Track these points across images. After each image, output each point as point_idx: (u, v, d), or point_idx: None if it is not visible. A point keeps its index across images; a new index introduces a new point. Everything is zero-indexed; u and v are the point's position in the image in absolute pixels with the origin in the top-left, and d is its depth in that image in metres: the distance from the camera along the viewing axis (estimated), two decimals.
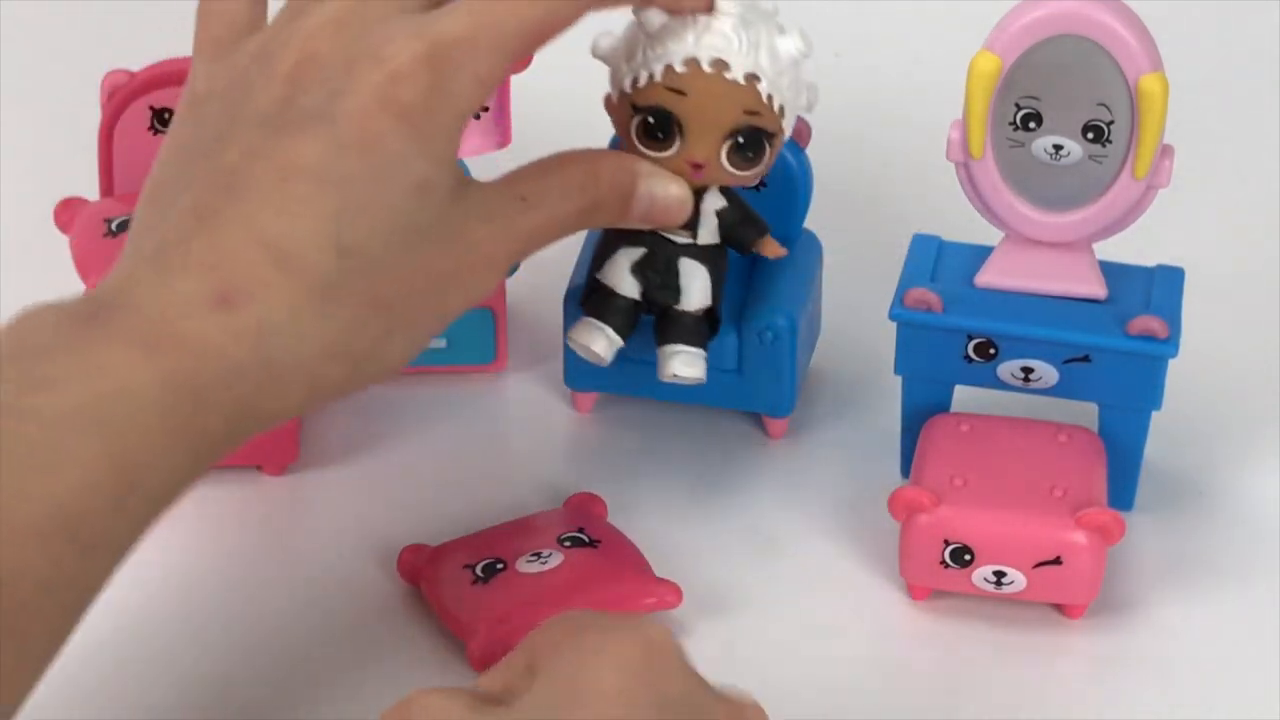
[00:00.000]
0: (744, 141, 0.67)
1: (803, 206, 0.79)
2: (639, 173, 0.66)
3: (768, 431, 0.79)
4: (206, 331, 0.56)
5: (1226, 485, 0.76)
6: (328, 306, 0.58)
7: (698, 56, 0.66)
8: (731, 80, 0.66)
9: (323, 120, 0.59)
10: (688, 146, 0.67)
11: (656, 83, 0.66)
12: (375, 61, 0.60)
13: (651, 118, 0.67)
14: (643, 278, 0.69)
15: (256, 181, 0.58)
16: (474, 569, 0.68)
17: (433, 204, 0.60)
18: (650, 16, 0.66)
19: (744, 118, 0.67)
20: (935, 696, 0.68)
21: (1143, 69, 0.68)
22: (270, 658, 0.68)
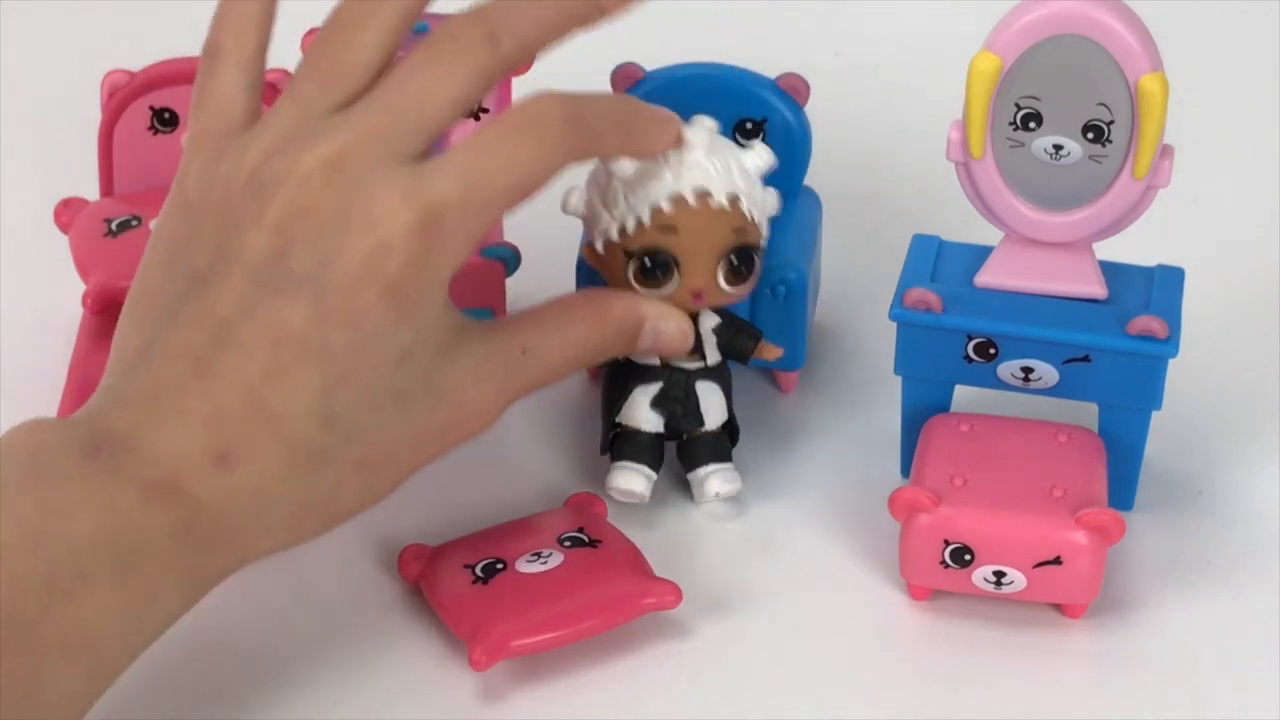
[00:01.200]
0: (737, 260, 0.69)
1: (803, 163, 0.80)
2: (646, 315, 0.69)
3: (780, 386, 0.80)
4: (208, 489, 0.60)
5: (1226, 485, 0.76)
6: (314, 470, 0.61)
7: (682, 192, 0.68)
8: (717, 206, 0.68)
9: (310, 287, 0.61)
10: (686, 278, 0.69)
11: (646, 226, 0.68)
12: (365, 227, 0.61)
13: (648, 259, 0.68)
14: (664, 410, 0.71)
15: (247, 340, 0.60)
16: (474, 569, 0.68)
17: (419, 369, 0.62)
18: (623, 164, 0.68)
19: (733, 237, 0.69)
20: (935, 696, 0.68)
21: (1143, 69, 0.68)
22: (269, 657, 0.68)
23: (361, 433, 0.62)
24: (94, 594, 0.57)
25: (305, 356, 0.61)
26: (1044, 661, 0.69)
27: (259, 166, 0.62)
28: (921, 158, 0.82)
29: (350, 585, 0.71)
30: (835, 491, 0.76)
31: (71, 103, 0.90)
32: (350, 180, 0.61)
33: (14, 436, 0.60)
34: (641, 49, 0.83)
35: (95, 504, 0.58)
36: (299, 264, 0.61)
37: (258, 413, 0.60)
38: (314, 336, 0.61)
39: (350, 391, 0.61)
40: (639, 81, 0.80)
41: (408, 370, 0.62)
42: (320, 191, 0.61)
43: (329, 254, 0.61)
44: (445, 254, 0.62)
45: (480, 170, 0.62)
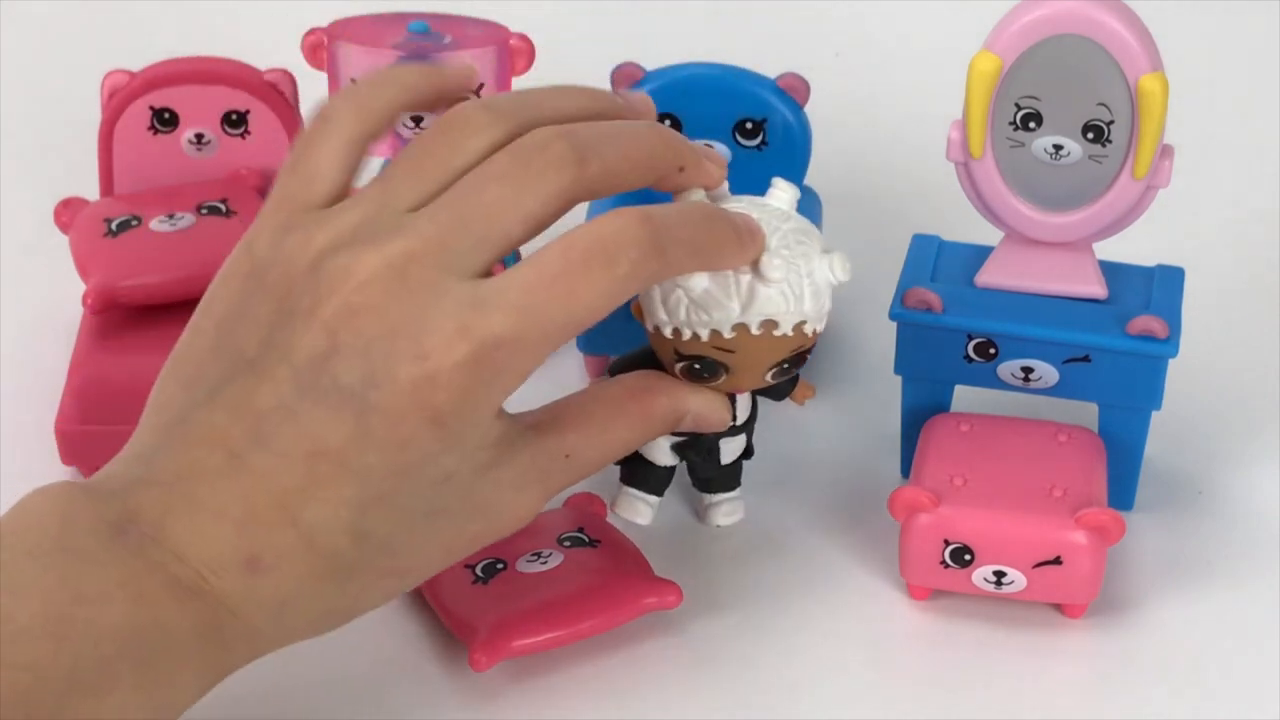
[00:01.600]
0: (788, 365, 0.66)
1: (803, 163, 0.80)
2: (689, 408, 0.66)
3: None
4: (236, 593, 0.59)
5: (1226, 485, 0.76)
6: (341, 582, 0.60)
7: (746, 323, 0.64)
8: (780, 335, 0.65)
9: (355, 405, 0.59)
10: (734, 383, 0.66)
11: (704, 342, 0.65)
12: (416, 356, 0.58)
13: (698, 365, 0.65)
14: (683, 456, 0.70)
15: (285, 446, 0.59)
16: (474, 569, 0.68)
17: (459, 489, 0.61)
18: (694, 280, 0.64)
19: (789, 354, 0.66)
20: (935, 696, 0.68)
21: (1143, 69, 0.68)
22: (269, 657, 0.68)
23: (393, 546, 0.61)
24: (116, 690, 0.56)
25: (343, 474, 0.59)
26: (1044, 661, 0.69)
27: (324, 253, 0.60)
28: (921, 158, 0.82)
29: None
30: (835, 491, 0.76)
31: (71, 103, 0.90)
32: (409, 291, 0.59)
33: (38, 503, 0.59)
34: (641, 49, 0.83)
35: (125, 596, 0.57)
36: (345, 375, 0.59)
37: (290, 523, 0.59)
38: (353, 456, 0.59)
39: (385, 511, 0.60)
40: (639, 81, 0.80)
41: (447, 491, 0.61)
42: (377, 298, 0.59)
43: (377, 374, 0.59)
44: (495, 387, 0.60)
45: (541, 304, 0.59)
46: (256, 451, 0.59)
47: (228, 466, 0.59)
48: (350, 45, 0.77)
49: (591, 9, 1.02)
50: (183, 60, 0.82)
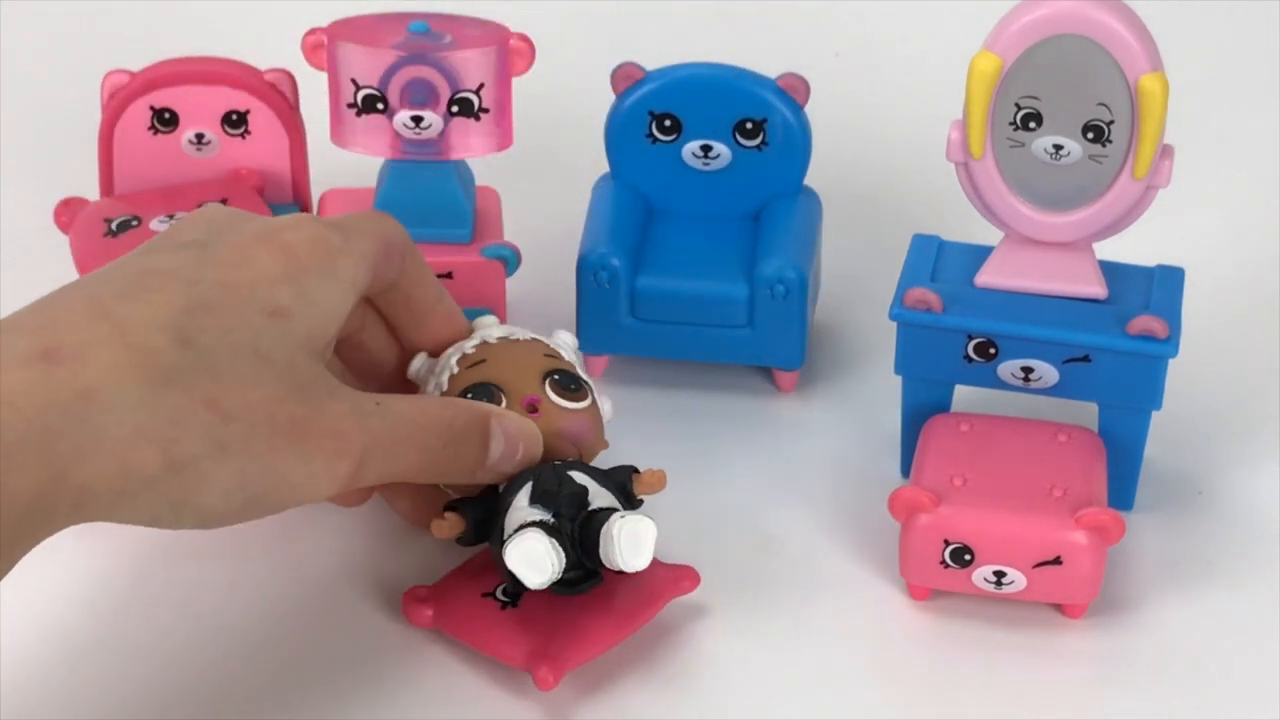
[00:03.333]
0: (560, 377, 0.68)
1: (803, 162, 0.81)
2: (490, 411, 0.66)
3: (778, 386, 0.80)
4: (23, 384, 0.53)
5: (1226, 485, 0.76)
6: (158, 389, 0.55)
7: (483, 338, 0.69)
8: (517, 339, 0.70)
9: (199, 245, 0.60)
10: (513, 397, 0.67)
11: (456, 373, 0.68)
12: (263, 220, 0.63)
13: (470, 394, 0.67)
14: (543, 493, 0.65)
15: (112, 275, 0.58)
16: (494, 595, 0.68)
17: (285, 340, 0.59)
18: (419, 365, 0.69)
19: (548, 361, 0.69)
20: (935, 696, 0.68)
21: (1143, 69, 0.68)
22: (269, 658, 0.68)
23: (218, 369, 0.57)
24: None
25: (172, 282, 0.58)
26: (1044, 661, 0.69)
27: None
28: (921, 158, 0.82)
29: (350, 585, 0.71)
30: (835, 491, 0.76)
31: (71, 103, 0.90)
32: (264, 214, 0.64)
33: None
34: (641, 49, 0.83)
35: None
36: (191, 236, 0.61)
37: (104, 321, 0.55)
38: (188, 270, 0.59)
39: (212, 322, 0.57)
40: (639, 81, 0.80)
41: (277, 333, 0.59)
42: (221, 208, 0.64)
43: (224, 229, 0.61)
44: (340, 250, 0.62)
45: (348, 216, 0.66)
46: (78, 285, 0.59)
47: (42, 300, 0.58)
48: (350, 45, 0.77)
49: (591, 9, 1.02)
50: (183, 60, 0.82)
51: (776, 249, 0.78)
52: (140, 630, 0.69)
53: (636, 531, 0.64)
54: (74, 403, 0.53)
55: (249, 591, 0.71)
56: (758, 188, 0.81)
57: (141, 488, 0.55)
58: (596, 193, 0.82)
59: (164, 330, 0.56)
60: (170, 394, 0.55)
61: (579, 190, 0.82)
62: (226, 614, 0.70)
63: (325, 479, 0.60)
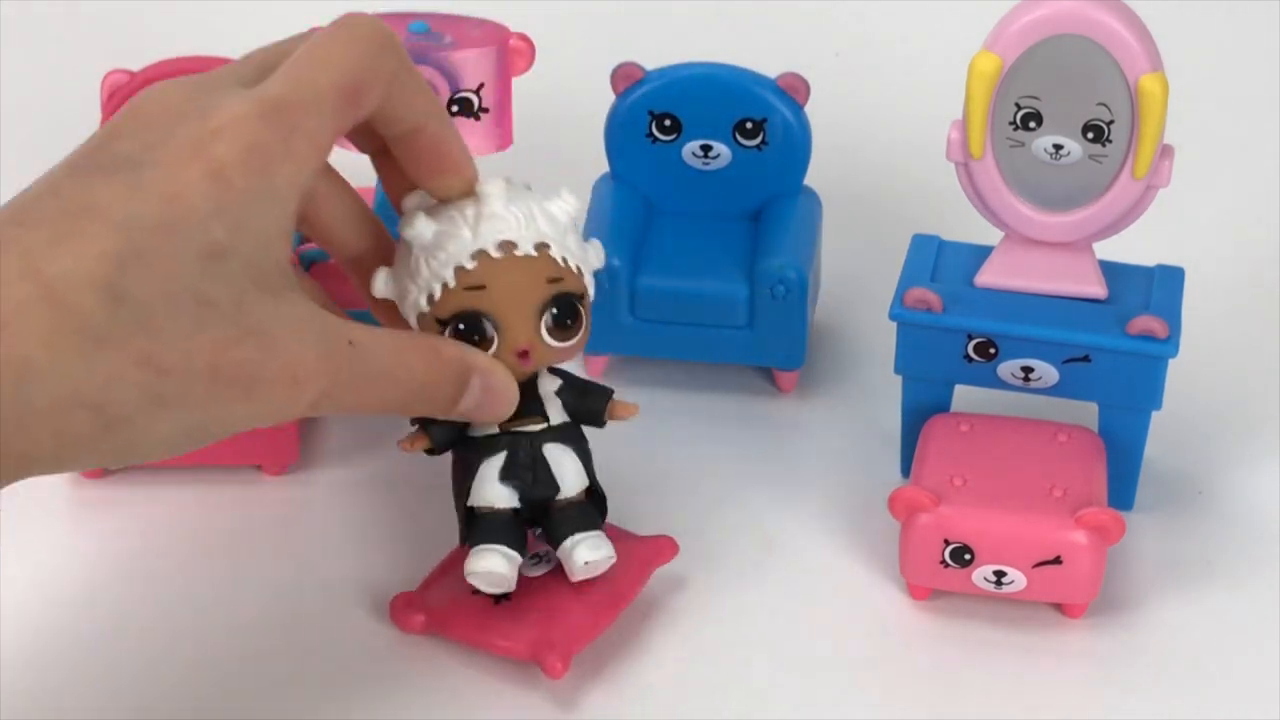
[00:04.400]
0: (559, 311, 0.64)
1: (803, 162, 0.81)
2: (477, 365, 0.63)
3: (778, 386, 0.80)
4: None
5: (1226, 485, 0.76)
6: (89, 353, 0.54)
7: (483, 247, 0.63)
8: (524, 256, 0.64)
9: (131, 166, 0.56)
10: (507, 338, 0.64)
11: (452, 289, 0.63)
12: (200, 117, 0.57)
13: (462, 324, 0.63)
14: (515, 481, 0.66)
15: (45, 214, 0.55)
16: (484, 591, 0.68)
17: (228, 279, 0.56)
18: (420, 230, 0.63)
19: (550, 288, 0.64)
20: (935, 696, 0.68)
21: (1143, 69, 0.68)
22: (269, 658, 0.68)
23: (152, 323, 0.54)
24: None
25: (103, 225, 0.55)
26: (1044, 661, 0.69)
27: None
28: (921, 158, 0.82)
29: (350, 586, 0.71)
30: (835, 491, 0.76)
31: (71, 103, 0.90)
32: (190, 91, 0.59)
33: None
34: (641, 49, 0.83)
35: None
36: (123, 148, 0.57)
37: (35, 284, 0.53)
38: (119, 208, 0.55)
39: (146, 273, 0.54)
40: (639, 81, 0.80)
41: (215, 274, 0.56)
42: (160, 100, 0.59)
43: (157, 140, 0.57)
44: (279, 155, 0.57)
45: (304, 71, 0.59)
46: (11, 231, 0.55)
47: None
48: None
49: (591, 9, 1.02)
50: (182, 60, 0.82)
51: (776, 249, 0.78)
52: (135, 633, 0.69)
53: (592, 562, 0.66)
54: (4, 373, 0.52)
55: (231, 604, 0.71)
56: (758, 188, 0.81)
57: (80, 449, 0.54)
58: (596, 193, 0.82)
59: (95, 288, 0.54)
60: (103, 356, 0.54)
61: (579, 190, 0.82)
62: (213, 628, 0.70)
63: (275, 418, 0.58)
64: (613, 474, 0.73)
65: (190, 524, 0.74)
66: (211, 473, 0.76)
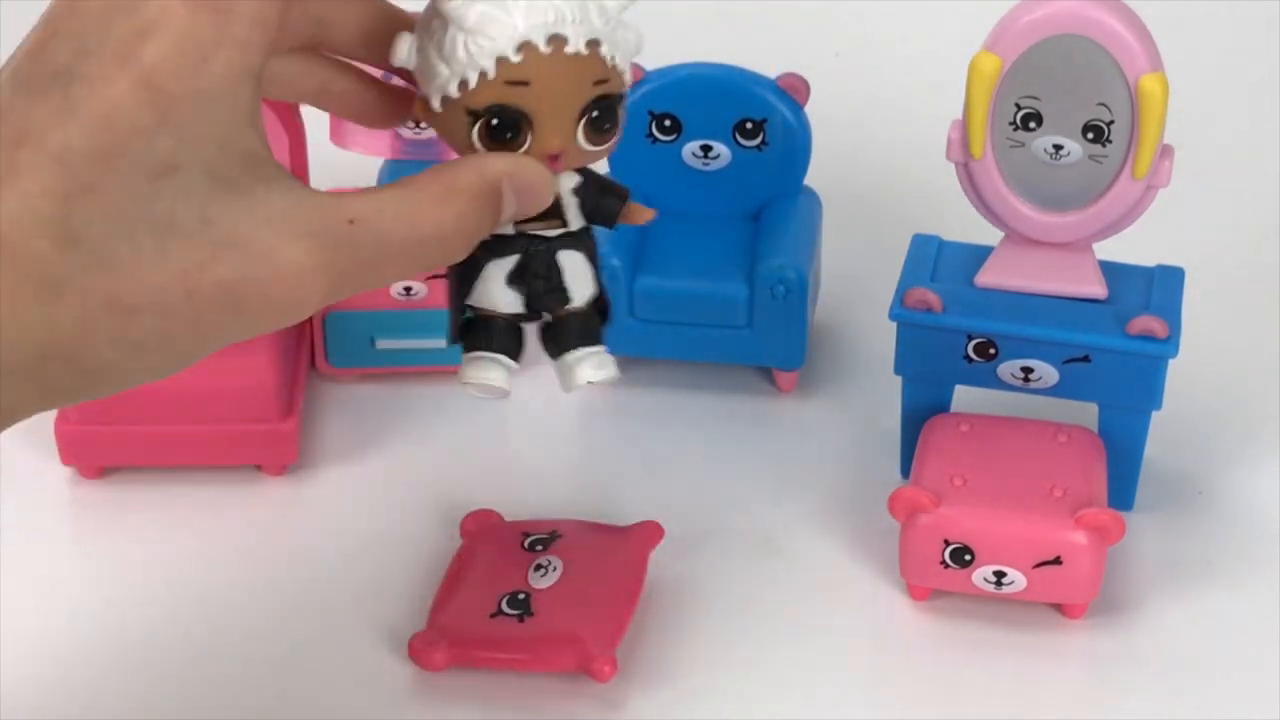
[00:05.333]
0: (598, 115, 0.58)
1: (803, 162, 0.81)
2: (500, 170, 0.57)
3: (778, 386, 0.80)
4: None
5: (1226, 485, 0.76)
6: (51, 302, 0.50)
7: (531, 39, 0.57)
8: (574, 54, 0.57)
9: (64, 80, 0.51)
10: (541, 139, 0.57)
11: (491, 79, 0.57)
12: (129, 12, 0.52)
13: (496, 119, 0.57)
14: (523, 286, 0.60)
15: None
16: (501, 612, 0.67)
17: (187, 194, 0.51)
18: (461, 7, 0.57)
19: (594, 89, 0.58)
20: (935, 696, 0.68)
21: (1143, 69, 0.68)
22: (268, 658, 0.68)
23: (113, 260, 0.50)
24: None
25: (41, 160, 0.50)
26: (1044, 661, 0.69)
27: None
28: (921, 158, 0.82)
29: (349, 585, 0.71)
30: (835, 491, 0.76)
31: None
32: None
33: None
34: (642, 49, 0.83)
35: None
36: (58, 56, 0.52)
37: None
38: (54, 136, 0.51)
39: (96, 207, 0.50)
40: (639, 81, 0.80)
41: (171, 192, 0.51)
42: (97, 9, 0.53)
43: (89, 41, 0.52)
44: (213, 44, 0.52)
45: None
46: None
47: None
48: None
49: None
50: None
51: (776, 249, 0.78)
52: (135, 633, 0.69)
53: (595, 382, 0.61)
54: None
55: (231, 604, 0.71)
56: (758, 188, 0.81)
57: (68, 397, 0.52)
58: None
59: (46, 231, 0.50)
60: (66, 305, 0.50)
61: None
62: (212, 628, 0.70)
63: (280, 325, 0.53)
64: (612, 473, 0.73)
65: (190, 524, 0.74)
66: (211, 473, 0.76)
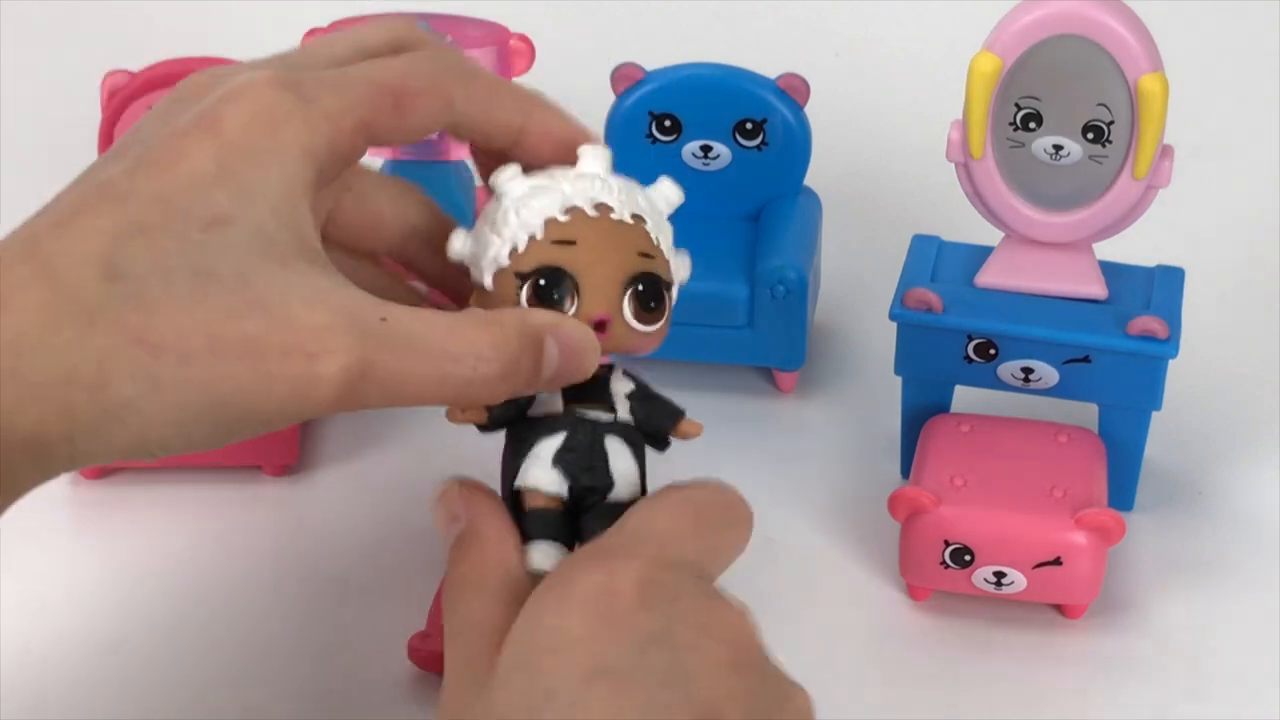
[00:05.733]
0: (644, 289, 0.59)
1: (803, 163, 0.81)
2: (543, 323, 0.56)
3: (778, 386, 0.80)
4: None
5: (1226, 485, 0.76)
6: (83, 329, 0.51)
7: (578, 204, 0.58)
8: (619, 220, 0.59)
9: (145, 143, 0.54)
10: (586, 303, 0.58)
11: (540, 240, 0.58)
12: (221, 83, 0.55)
13: (543, 279, 0.57)
14: (567, 466, 0.59)
15: (59, 201, 0.54)
16: None
17: (231, 249, 0.53)
18: (513, 186, 0.59)
19: (640, 261, 0.59)
20: (935, 696, 0.68)
21: (1143, 69, 0.68)
22: (268, 658, 0.68)
23: (149, 298, 0.51)
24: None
25: (107, 201, 0.53)
26: (1044, 662, 0.69)
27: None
28: (921, 158, 0.82)
29: (349, 586, 0.71)
30: (835, 491, 0.76)
31: (71, 103, 0.90)
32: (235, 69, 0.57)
33: None
34: (641, 49, 0.83)
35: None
36: (146, 127, 0.55)
37: (33, 261, 0.52)
38: (124, 183, 0.53)
39: (144, 247, 0.52)
40: (639, 82, 0.80)
41: (218, 245, 0.52)
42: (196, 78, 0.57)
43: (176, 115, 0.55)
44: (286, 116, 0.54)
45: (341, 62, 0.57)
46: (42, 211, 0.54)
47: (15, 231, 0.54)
48: None
49: (591, 9, 1.02)
50: (182, 60, 0.82)
51: (776, 249, 0.78)
52: (135, 634, 0.69)
53: None
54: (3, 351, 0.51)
55: (231, 604, 0.71)
56: (758, 188, 0.81)
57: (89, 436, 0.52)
58: None
59: (92, 263, 0.52)
60: (96, 333, 0.51)
61: None
62: (212, 628, 0.70)
63: (298, 400, 0.52)
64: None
65: (190, 524, 0.74)
66: (211, 473, 0.76)
